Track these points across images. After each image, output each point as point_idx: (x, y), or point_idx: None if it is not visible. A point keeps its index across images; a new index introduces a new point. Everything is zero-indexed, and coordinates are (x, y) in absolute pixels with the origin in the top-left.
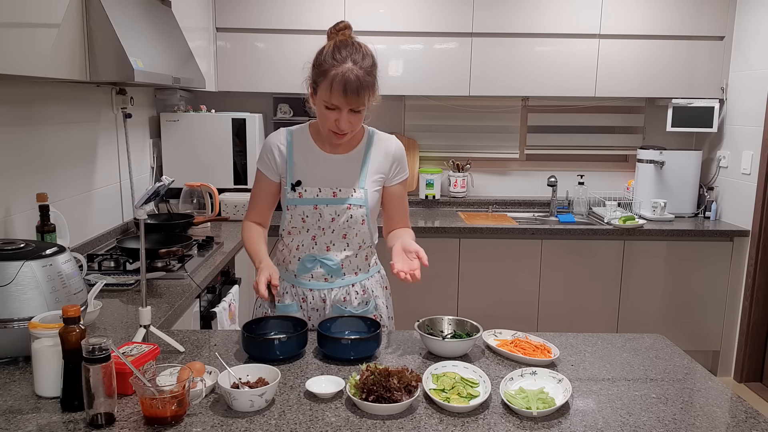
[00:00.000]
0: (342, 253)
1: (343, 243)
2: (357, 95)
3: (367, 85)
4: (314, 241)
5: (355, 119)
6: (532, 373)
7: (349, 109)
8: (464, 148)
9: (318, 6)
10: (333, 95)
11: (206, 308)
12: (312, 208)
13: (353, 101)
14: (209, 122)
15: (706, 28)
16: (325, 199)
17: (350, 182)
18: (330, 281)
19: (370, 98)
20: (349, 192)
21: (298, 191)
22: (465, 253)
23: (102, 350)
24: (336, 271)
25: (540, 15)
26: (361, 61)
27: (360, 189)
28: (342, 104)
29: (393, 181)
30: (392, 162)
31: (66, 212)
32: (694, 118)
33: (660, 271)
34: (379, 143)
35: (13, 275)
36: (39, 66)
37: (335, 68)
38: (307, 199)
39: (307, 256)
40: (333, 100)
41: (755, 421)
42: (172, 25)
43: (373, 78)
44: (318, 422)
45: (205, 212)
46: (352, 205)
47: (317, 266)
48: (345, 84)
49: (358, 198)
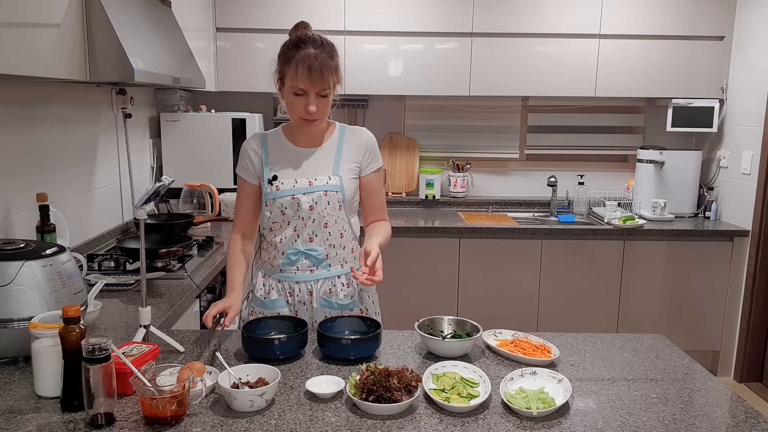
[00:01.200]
0: (325, 243)
1: (325, 232)
2: (321, 75)
3: (330, 67)
4: (296, 233)
5: (323, 103)
6: (532, 373)
7: (316, 93)
8: (464, 148)
9: (318, 6)
10: (299, 78)
11: (206, 308)
12: (290, 199)
13: (318, 82)
14: (209, 122)
15: (706, 28)
16: (302, 188)
17: (325, 170)
18: (316, 272)
19: (335, 81)
20: (324, 179)
21: (275, 185)
22: (465, 253)
23: (102, 350)
24: (321, 261)
25: (540, 15)
26: (321, 47)
27: (335, 176)
28: (308, 86)
29: (367, 170)
30: (365, 151)
31: (66, 212)
32: (694, 118)
33: (660, 271)
34: (350, 134)
35: (13, 275)
36: (39, 66)
37: (298, 54)
38: (284, 191)
39: (291, 249)
40: (299, 84)
41: (755, 421)
42: (172, 25)
43: (335, 62)
44: (318, 422)
45: (205, 212)
46: (328, 192)
47: (302, 258)
48: (309, 66)
49: (334, 185)
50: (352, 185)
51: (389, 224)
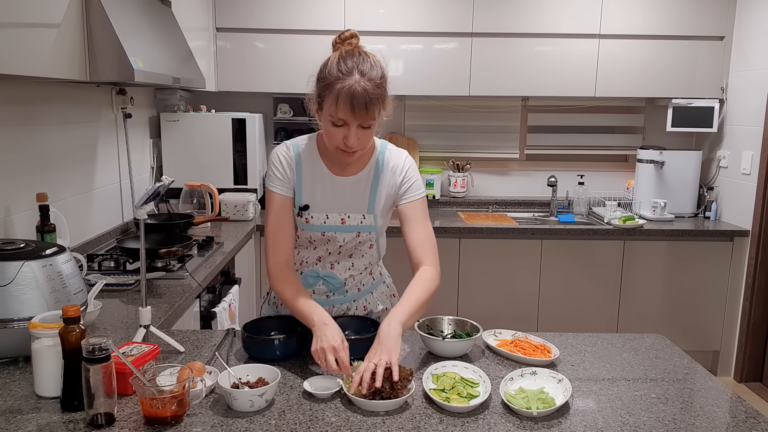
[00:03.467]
0: (346, 272)
1: (348, 262)
2: (365, 110)
3: (376, 98)
4: (319, 260)
5: (365, 135)
6: (532, 373)
7: (358, 125)
8: (464, 148)
9: (318, 6)
10: (339, 110)
11: (206, 308)
12: (320, 235)
13: (361, 116)
14: (209, 122)
15: (706, 28)
16: (333, 226)
17: (359, 207)
18: (332, 297)
19: (380, 112)
20: (357, 219)
21: (305, 216)
22: (465, 253)
23: (102, 350)
24: (339, 288)
25: (540, 15)
26: (369, 72)
27: (369, 215)
28: (350, 120)
29: (402, 200)
30: (401, 177)
31: (66, 212)
32: (694, 118)
33: (660, 271)
34: (389, 160)
35: (13, 275)
36: (39, 66)
37: (341, 81)
38: (314, 225)
39: (310, 272)
40: (340, 115)
41: (755, 421)
42: (172, 25)
43: (383, 90)
44: (318, 422)
45: (205, 212)
46: (361, 233)
47: (320, 282)
48: (352, 97)
49: (368, 225)
50: (385, 219)
51: (434, 272)
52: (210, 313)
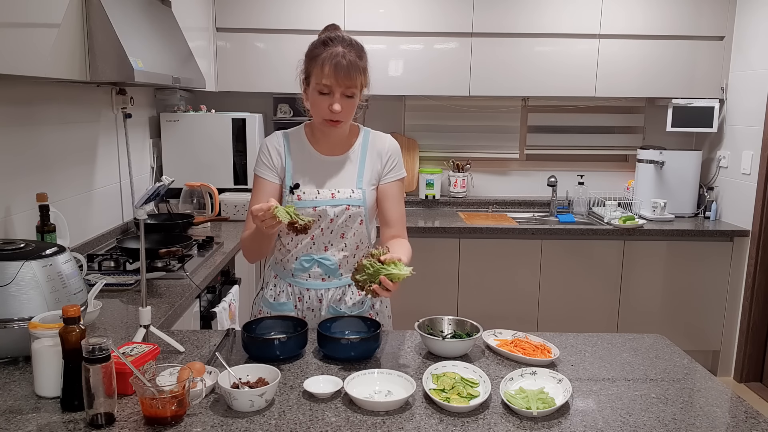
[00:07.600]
0: (340, 253)
1: (341, 243)
2: (348, 74)
3: (358, 66)
4: (312, 240)
5: (348, 105)
6: (532, 373)
7: (342, 93)
8: (464, 148)
9: (318, 6)
10: (325, 75)
11: (206, 308)
12: (311, 210)
13: (345, 80)
14: (209, 122)
15: (706, 28)
16: (324, 200)
17: (348, 183)
18: (327, 281)
19: (362, 83)
20: (347, 192)
21: (297, 194)
22: (465, 253)
23: (102, 350)
24: (333, 270)
25: (540, 15)
26: (350, 46)
27: (358, 189)
28: (334, 84)
29: (386, 179)
30: (386, 159)
31: (66, 212)
32: (694, 118)
33: (660, 271)
34: (374, 142)
35: (13, 275)
36: (39, 66)
37: (326, 51)
38: (306, 201)
39: (304, 256)
40: (325, 81)
41: (755, 421)
42: (172, 25)
43: (363, 63)
44: (318, 422)
45: (205, 212)
46: (350, 206)
47: (315, 266)
48: (336, 63)
49: (357, 198)
50: (373, 196)
51: (408, 243)
52: (210, 313)
